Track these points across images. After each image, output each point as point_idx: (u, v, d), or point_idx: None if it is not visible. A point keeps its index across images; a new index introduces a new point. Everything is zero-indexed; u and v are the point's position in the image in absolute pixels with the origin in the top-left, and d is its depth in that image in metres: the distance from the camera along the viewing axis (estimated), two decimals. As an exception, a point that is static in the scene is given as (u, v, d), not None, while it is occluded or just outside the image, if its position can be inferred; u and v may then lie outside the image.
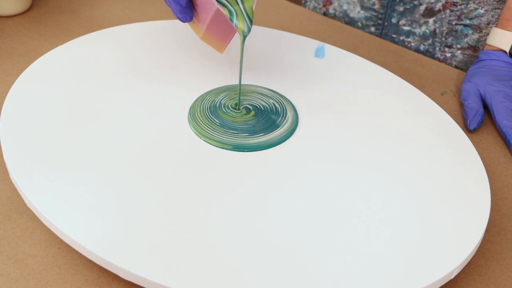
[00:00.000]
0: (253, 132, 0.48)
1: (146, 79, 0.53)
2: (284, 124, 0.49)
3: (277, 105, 0.52)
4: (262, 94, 0.53)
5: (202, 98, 0.51)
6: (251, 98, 0.52)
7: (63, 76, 0.52)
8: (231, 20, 0.44)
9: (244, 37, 0.46)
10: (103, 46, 0.58)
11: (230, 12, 0.44)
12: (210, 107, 0.50)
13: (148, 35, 0.61)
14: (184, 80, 0.54)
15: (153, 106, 0.50)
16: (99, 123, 0.46)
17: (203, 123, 0.48)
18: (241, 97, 0.52)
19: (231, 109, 0.50)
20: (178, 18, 0.45)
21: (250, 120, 0.49)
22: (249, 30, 0.45)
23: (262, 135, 0.48)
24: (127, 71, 0.54)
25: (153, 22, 0.63)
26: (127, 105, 0.49)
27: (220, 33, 0.47)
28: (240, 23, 0.44)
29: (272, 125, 0.49)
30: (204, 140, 0.46)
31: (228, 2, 0.44)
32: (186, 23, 0.47)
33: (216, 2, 0.43)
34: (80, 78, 0.52)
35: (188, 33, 0.61)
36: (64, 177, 0.40)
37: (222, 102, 0.51)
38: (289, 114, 0.51)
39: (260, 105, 0.52)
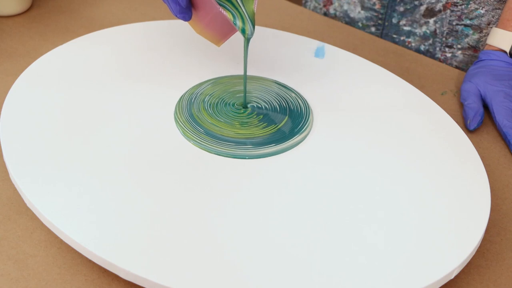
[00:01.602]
0: (261, 144, 0.46)
1: (147, 79, 0.53)
2: (304, 130, 0.48)
3: (300, 103, 0.51)
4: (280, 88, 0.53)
5: (179, 102, 0.50)
6: (258, 94, 0.52)
7: (63, 76, 0.52)
8: (235, 23, 0.44)
9: (248, 39, 0.46)
10: (103, 46, 0.58)
11: (233, 15, 0.44)
12: (192, 114, 0.48)
13: (148, 35, 0.61)
14: (185, 80, 0.54)
15: (154, 107, 0.50)
16: (100, 124, 0.46)
17: (189, 130, 0.47)
18: (250, 96, 0.52)
19: (235, 108, 0.50)
20: (177, 17, 0.45)
21: (265, 131, 0.48)
22: (253, 32, 0.46)
23: (273, 146, 0.46)
24: (127, 71, 0.54)
25: (153, 22, 0.63)
26: (128, 106, 0.49)
27: (219, 31, 0.47)
28: (244, 26, 0.45)
29: (289, 134, 0.47)
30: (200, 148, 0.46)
31: (230, 4, 0.45)
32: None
33: (218, 5, 0.43)
34: (80, 78, 0.52)
35: (188, 33, 0.61)
36: (64, 177, 0.40)
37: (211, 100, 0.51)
38: (311, 118, 0.50)
39: (282, 103, 0.51)
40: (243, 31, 0.45)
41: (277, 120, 0.49)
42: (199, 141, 0.46)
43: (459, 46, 0.71)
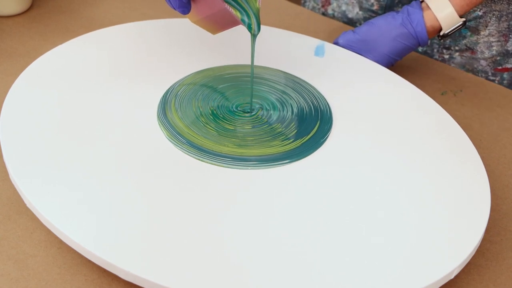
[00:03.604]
0: (271, 160, 0.44)
1: (146, 79, 0.53)
2: (326, 140, 0.47)
3: (321, 102, 0.50)
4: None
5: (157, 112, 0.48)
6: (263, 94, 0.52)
7: (62, 76, 0.52)
8: (243, 20, 0.45)
9: (254, 35, 0.47)
10: (102, 46, 0.58)
11: (240, 12, 0.45)
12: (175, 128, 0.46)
13: (147, 34, 0.61)
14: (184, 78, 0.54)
15: (152, 106, 0.49)
16: (99, 124, 0.46)
17: (170, 139, 0.45)
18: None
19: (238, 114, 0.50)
20: (176, 10, 0.46)
21: (285, 148, 0.45)
22: (259, 29, 0.46)
23: (287, 162, 0.44)
24: (126, 71, 0.54)
25: (152, 21, 0.63)
26: (127, 105, 0.49)
27: (219, 24, 0.47)
28: (250, 22, 0.45)
29: (309, 149, 0.46)
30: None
31: (237, 2, 0.45)
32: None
33: (224, 2, 0.43)
34: (80, 78, 0.52)
35: (187, 31, 0.61)
36: (64, 177, 0.40)
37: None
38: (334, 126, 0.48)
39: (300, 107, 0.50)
40: (249, 28, 0.46)
41: (304, 133, 0.48)
42: (185, 150, 0.44)
43: (456, 47, 0.71)
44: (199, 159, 0.44)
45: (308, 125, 0.48)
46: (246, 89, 0.52)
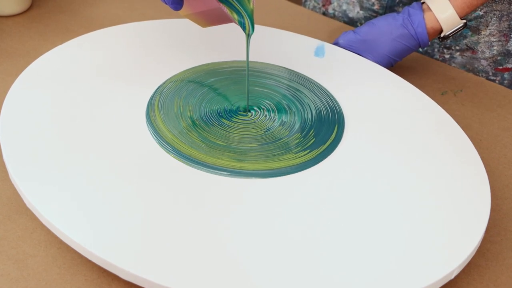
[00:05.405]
0: (275, 175, 0.43)
1: (146, 79, 0.53)
2: (336, 150, 0.46)
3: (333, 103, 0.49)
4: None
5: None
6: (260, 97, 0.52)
7: (62, 76, 0.52)
8: (239, 21, 0.45)
9: (249, 35, 0.47)
10: (102, 46, 0.58)
11: (236, 12, 0.45)
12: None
13: (148, 34, 0.61)
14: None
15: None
16: (100, 123, 0.46)
17: (160, 145, 0.44)
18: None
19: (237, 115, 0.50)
20: (168, 6, 0.46)
21: (296, 161, 0.43)
22: (253, 29, 0.46)
23: (291, 174, 0.43)
24: (126, 71, 0.54)
25: (153, 21, 0.63)
26: (127, 105, 0.49)
27: (211, 20, 0.48)
28: (246, 23, 0.45)
29: (321, 157, 0.44)
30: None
31: (230, 3, 0.45)
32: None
33: (218, 2, 0.44)
34: (80, 78, 0.52)
35: (189, 32, 0.61)
36: (64, 177, 0.40)
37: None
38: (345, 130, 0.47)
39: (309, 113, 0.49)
40: (244, 28, 0.46)
41: (322, 141, 0.46)
42: (178, 159, 0.43)
43: (457, 47, 0.71)
44: (194, 168, 0.43)
45: (326, 132, 0.47)
46: (243, 82, 0.51)
